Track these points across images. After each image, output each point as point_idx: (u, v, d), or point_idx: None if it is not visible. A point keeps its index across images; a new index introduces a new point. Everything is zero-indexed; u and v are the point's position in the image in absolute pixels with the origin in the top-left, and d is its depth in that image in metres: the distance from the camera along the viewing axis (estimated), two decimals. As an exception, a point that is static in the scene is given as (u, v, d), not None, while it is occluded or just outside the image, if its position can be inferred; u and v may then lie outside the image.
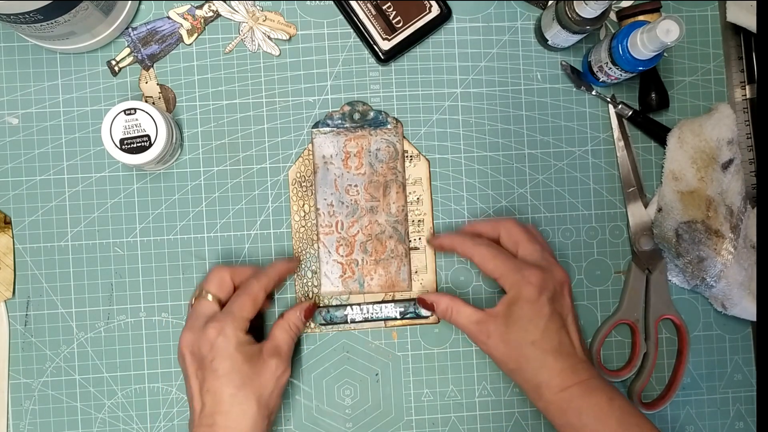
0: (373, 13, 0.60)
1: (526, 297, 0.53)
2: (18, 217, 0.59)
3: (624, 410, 0.51)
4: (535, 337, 0.53)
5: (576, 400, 0.52)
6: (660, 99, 0.61)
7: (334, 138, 0.61)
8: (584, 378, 0.52)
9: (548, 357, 0.52)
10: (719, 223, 0.59)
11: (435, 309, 0.57)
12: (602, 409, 0.51)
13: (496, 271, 0.55)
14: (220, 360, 0.51)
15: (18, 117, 0.59)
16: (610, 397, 0.52)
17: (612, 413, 0.51)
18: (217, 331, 0.52)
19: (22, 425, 0.59)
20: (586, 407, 0.51)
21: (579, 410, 0.51)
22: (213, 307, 0.54)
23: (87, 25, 0.55)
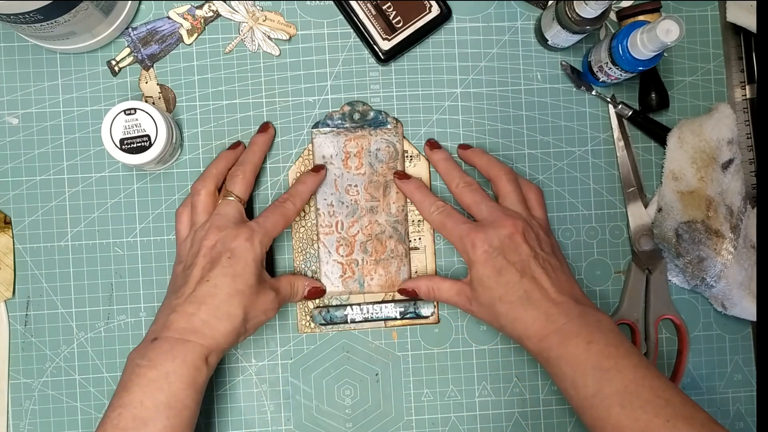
0: (373, 13, 0.60)
1: (475, 259, 0.54)
2: (18, 217, 0.59)
3: (602, 353, 0.49)
4: (499, 292, 0.53)
5: (555, 349, 0.50)
6: (660, 99, 0.61)
7: (334, 138, 0.61)
8: (560, 324, 0.51)
9: (517, 308, 0.52)
10: (719, 223, 0.59)
11: (418, 293, 0.59)
12: (578, 356, 0.49)
13: (450, 239, 0.56)
14: (236, 261, 0.52)
15: (18, 117, 0.59)
16: (588, 340, 0.50)
17: (588, 359, 0.49)
18: (246, 238, 0.52)
19: (22, 425, 0.59)
20: (564, 356, 0.50)
21: (558, 359, 0.50)
22: (239, 208, 0.55)
23: (87, 25, 0.55)
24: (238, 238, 0.52)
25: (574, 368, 0.49)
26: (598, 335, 0.50)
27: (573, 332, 0.50)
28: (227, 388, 0.60)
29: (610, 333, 0.51)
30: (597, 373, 0.48)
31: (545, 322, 0.51)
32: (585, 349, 0.49)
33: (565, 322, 0.51)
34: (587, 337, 0.50)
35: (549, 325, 0.51)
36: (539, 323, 0.51)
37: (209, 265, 0.52)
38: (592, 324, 0.51)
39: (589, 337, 0.50)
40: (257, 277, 0.53)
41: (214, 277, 0.51)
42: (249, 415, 0.60)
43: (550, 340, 0.51)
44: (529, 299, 0.52)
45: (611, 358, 0.49)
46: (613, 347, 0.50)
